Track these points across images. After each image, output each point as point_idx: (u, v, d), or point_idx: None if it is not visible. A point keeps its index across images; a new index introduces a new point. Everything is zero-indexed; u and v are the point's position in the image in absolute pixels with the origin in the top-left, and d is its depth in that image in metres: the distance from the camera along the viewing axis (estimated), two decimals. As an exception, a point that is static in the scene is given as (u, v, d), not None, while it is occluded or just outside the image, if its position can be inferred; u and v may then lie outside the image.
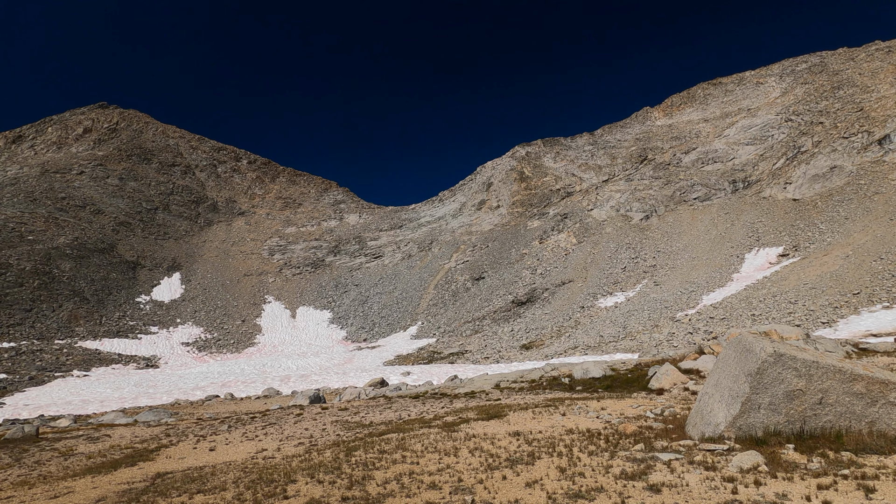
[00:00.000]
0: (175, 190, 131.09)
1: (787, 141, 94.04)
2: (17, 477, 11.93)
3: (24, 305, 73.25)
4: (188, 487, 9.38)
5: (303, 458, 11.22)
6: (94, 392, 46.75)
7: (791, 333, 20.45)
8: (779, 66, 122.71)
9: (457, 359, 62.44)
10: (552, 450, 9.84)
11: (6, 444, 17.26)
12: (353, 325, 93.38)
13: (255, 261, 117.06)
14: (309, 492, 8.29)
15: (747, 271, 65.95)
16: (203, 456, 13.31)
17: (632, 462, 8.64)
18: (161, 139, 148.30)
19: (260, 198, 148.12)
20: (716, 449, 8.86)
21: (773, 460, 8.03)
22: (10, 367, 56.50)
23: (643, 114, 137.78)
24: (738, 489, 7.04)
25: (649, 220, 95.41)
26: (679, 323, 52.29)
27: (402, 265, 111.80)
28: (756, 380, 9.05)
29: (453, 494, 7.65)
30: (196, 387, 48.24)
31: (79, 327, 74.90)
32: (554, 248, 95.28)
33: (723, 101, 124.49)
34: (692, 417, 10.71)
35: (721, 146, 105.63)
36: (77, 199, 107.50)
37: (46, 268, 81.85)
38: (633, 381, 22.19)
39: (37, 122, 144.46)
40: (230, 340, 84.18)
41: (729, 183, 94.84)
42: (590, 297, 74.08)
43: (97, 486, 10.34)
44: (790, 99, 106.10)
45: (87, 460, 13.73)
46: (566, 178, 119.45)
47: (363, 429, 15.71)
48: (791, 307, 45.99)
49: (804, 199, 77.60)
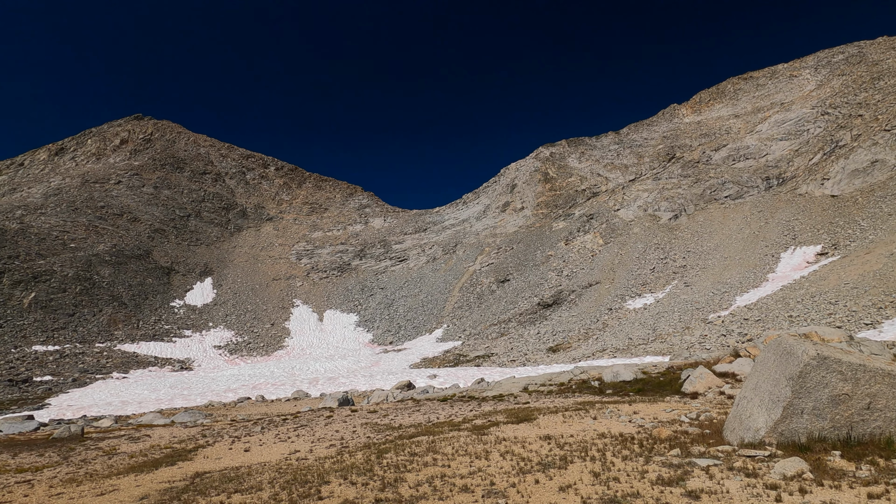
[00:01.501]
0: (206, 197, 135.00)
1: (824, 135, 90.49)
2: (66, 475, 12.47)
3: (68, 310, 76.57)
4: (226, 487, 9.63)
5: (335, 460, 11.38)
6: (133, 393, 48.47)
7: (833, 335, 19.65)
8: (813, 58, 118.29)
9: (483, 362, 62.21)
10: (584, 454, 9.71)
11: (54, 443, 18.06)
12: (379, 328, 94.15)
13: (284, 265, 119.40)
14: (342, 493, 8.40)
15: (783, 271, 63.64)
16: (238, 456, 13.64)
17: (668, 467, 8.45)
18: (193, 148, 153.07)
19: (287, 203, 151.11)
20: (756, 455, 8.59)
21: (818, 467, 7.73)
22: (55, 370, 59.11)
23: (670, 111, 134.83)
24: (781, 497, 6.80)
25: (678, 219, 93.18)
26: (711, 325, 50.82)
27: (426, 268, 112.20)
28: (798, 384, 8.74)
29: (486, 498, 7.63)
30: (228, 389, 49.47)
31: (117, 331, 77.83)
32: (580, 250, 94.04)
33: (754, 95, 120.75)
34: (730, 422, 10.41)
35: (753, 142, 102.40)
36: (115, 207, 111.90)
37: (87, 274, 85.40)
38: (665, 384, 21.69)
39: (77, 134, 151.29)
40: (260, 343, 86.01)
41: (762, 180, 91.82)
42: (617, 299, 72.76)
43: (140, 485, 10.72)
44: (826, 91, 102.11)
45: (129, 459, 14.25)
46: (592, 179, 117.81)
47: (393, 431, 15.83)
48: (831, 308, 44.14)
49: (843, 196, 74.46)
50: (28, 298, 74.42)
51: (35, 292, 75.90)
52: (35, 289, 76.51)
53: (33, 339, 67.62)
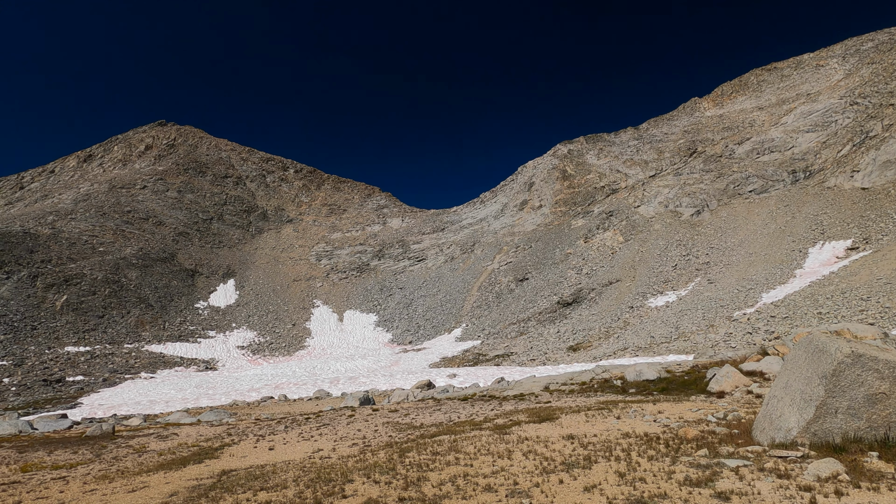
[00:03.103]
0: (228, 200, 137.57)
1: (853, 126, 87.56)
2: (98, 471, 12.84)
3: (97, 312, 78.90)
4: (252, 485, 9.79)
5: (358, 459, 11.46)
6: (160, 393, 49.69)
7: (866, 332, 19.00)
8: (841, 47, 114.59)
9: (502, 361, 61.97)
10: (609, 454, 9.58)
11: (87, 441, 18.62)
12: (398, 328, 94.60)
13: (304, 266, 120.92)
14: (366, 491, 8.45)
15: (811, 267, 61.81)
16: (263, 455, 13.85)
17: (696, 468, 8.28)
18: (214, 152, 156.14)
19: (307, 205, 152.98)
20: (788, 456, 8.35)
21: (854, 469, 7.47)
22: (87, 370, 60.97)
23: (691, 105, 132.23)
24: (816, 499, 6.59)
25: (701, 215, 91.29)
26: (737, 322, 49.66)
27: (445, 268, 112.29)
28: (832, 382, 8.46)
29: (510, 497, 7.58)
30: (251, 388, 50.32)
31: (145, 332, 79.90)
32: (600, 247, 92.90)
33: (778, 87, 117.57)
34: (759, 422, 10.15)
35: (778, 135, 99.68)
36: (141, 211, 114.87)
37: (115, 277, 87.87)
38: (689, 383, 21.27)
39: (104, 141, 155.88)
40: (282, 344, 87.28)
41: (788, 173, 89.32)
42: (639, 297, 71.67)
43: (169, 482, 10.97)
44: (855, 81, 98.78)
45: (158, 457, 14.60)
46: (611, 175, 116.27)
47: (414, 430, 15.87)
48: (863, 304, 42.70)
49: (874, 188, 71.93)
50: (60, 301, 76.93)
51: (67, 295, 78.41)
52: (67, 292, 79.04)
53: (66, 340, 69.87)
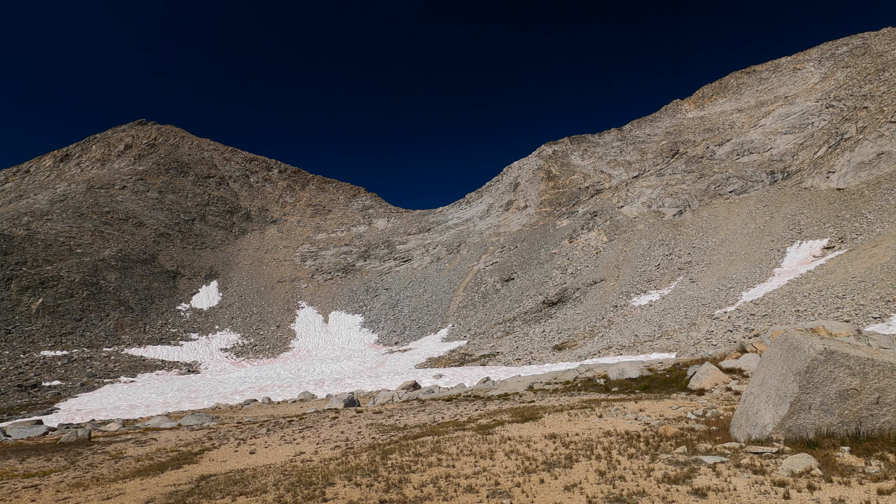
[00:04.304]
0: (210, 201, 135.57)
1: (829, 128, 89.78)
2: (73, 479, 12.52)
3: (75, 315, 77.07)
4: (231, 489, 9.63)
5: (340, 461, 11.37)
6: (141, 397, 48.73)
7: (841, 330, 19.46)
8: (817, 51, 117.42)
9: (488, 361, 62.13)
10: (590, 453, 9.65)
11: (62, 448, 18.16)
12: (384, 329, 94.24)
13: (288, 267, 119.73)
14: (347, 494, 8.37)
15: (789, 265, 63.20)
16: (244, 459, 13.65)
17: (674, 465, 8.37)
18: (196, 152, 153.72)
19: (291, 206, 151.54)
20: (764, 451, 8.50)
21: (826, 463, 7.63)
22: (63, 374, 59.51)
23: (673, 106, 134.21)
24: (790, 494, 6.71)
25: (683, 215, 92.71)
26: (718, 321, 50.54)
27: (431, 268, 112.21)
28: (806, 379, 8.64)
29: (490, 498, 7.58)
30: (235, 391, 49.65)
31: (125, 335, 78.29)
32: (584, 247, 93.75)
33: (757, 89, 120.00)
34: (737, 419, 10.32)
35: (757, 136, 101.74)
36: (120, 212, 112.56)
37: (94, 279, 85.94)
38: (671, 381, 21.56)
39: (82, 140, 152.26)
40: (266, 346, 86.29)
41: (767, 174, 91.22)
42: (623, 296, 72.50)
43: (146, 488, 10.74)
44: (831, 84, 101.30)
45: (135, 463, 14.29)
46: (595, 176, 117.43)
47: (398, 432, 15.81)
48: (839, 302, 43.78)
49: (849, 189, 73.85)
50: (36, 304, 74.97)
51: (42, 298, 76.45)
52: (42, 294, 77.07)
53: (42, 344, 68.12)
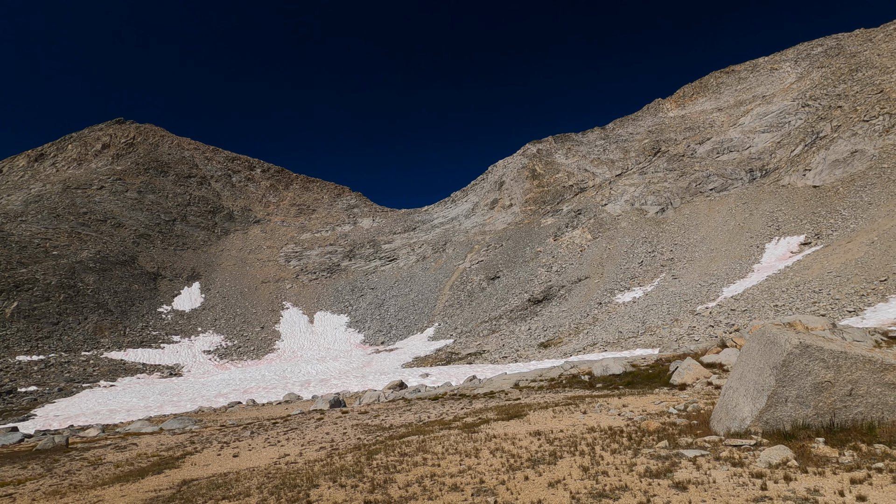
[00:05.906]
0: (192, 201, 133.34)
1: (805, 127, 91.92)
2: (49, 487, 12.22)
3: (52, 319, 75.17)
4: (213, 494, 9.50)
5: (325, 463, 11.29)
6: (121, 402, 47.74)
7: (816, 324, 19.95)
8: (793, 51, 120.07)
9: (475, 359, 62.29)
10: (574, 449, 9.74)
11: (38, 455, 17.70)
12: (370, 329, 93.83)
13: (272, 268, 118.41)
14: (332, 496, 8.32)
15: (768, 261, 64.59)
16: (227, 462, 13.47)
17: (656, 459, 8.50)
18: (177, 152, 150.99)
19: (275, 205, 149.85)
20: (742, 444, 8.67)
21: (802, 455, 7.82)
22: (40, 380, 58.01)
23: (655, 105, 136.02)
24: (767, 485, 6.86)
25: (665, 213, 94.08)
26: (699, 316, 51.42)
27: (416, 267, 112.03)
28: (782, 372, 8.83)
29: (475, 496, 7.60)
30: (219, 394, 48.95)
31: (104, 338, 76.60)
32: (569, 245, 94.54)
33: (736, 89, 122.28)
34: (717, 412, 10.50)
35: (736, 135, 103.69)
36: (98, 213, 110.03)
37: (71, 281, 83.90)
38: (654, 376, 21.87)
39: (57, 139, 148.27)
40: (250, 347, 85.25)
41: (746, 172, 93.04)
42: (607, 293, 73.30)
43: (125, 495, 10.53)
44: (806, 84, 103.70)
45: (115, 469, 14.00)
46: (579, 174, 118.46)
47: (383, 432, 15.75)
48: (815, 297, 44.89)
49: (825, 186, 75.74)
50: (10, 308, 72.92)
51: (17, 301, 74.39)
52: (17, 298, 74.99)
53: (17, 349, 66.30)
